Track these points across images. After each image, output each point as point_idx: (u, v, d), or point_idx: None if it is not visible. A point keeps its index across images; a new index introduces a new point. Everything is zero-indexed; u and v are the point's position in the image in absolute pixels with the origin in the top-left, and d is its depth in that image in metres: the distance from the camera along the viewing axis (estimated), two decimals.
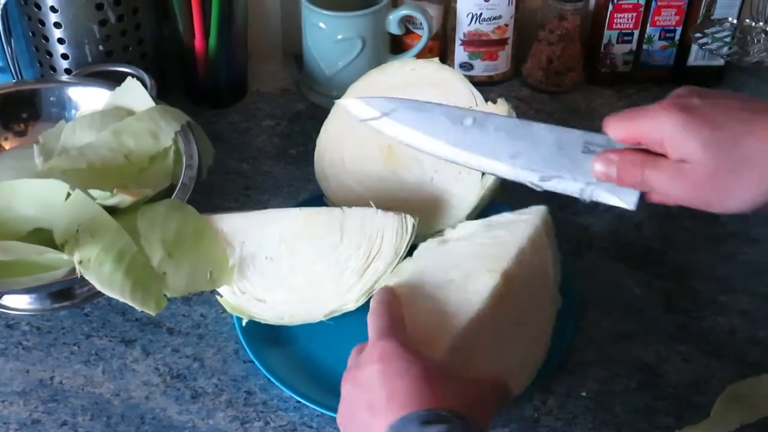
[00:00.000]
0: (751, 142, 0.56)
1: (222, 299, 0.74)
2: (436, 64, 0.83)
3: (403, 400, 0.56)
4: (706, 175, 0.57)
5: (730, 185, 0.57)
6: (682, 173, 0.58)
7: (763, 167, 0.56)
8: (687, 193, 0.58)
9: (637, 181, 0.60)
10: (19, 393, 0.74)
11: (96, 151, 0.81)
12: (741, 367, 0.76)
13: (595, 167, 0.62)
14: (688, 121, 0.57)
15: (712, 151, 0.56)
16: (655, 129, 0.58)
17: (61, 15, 0.90)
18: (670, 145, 0.58)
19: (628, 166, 0.60)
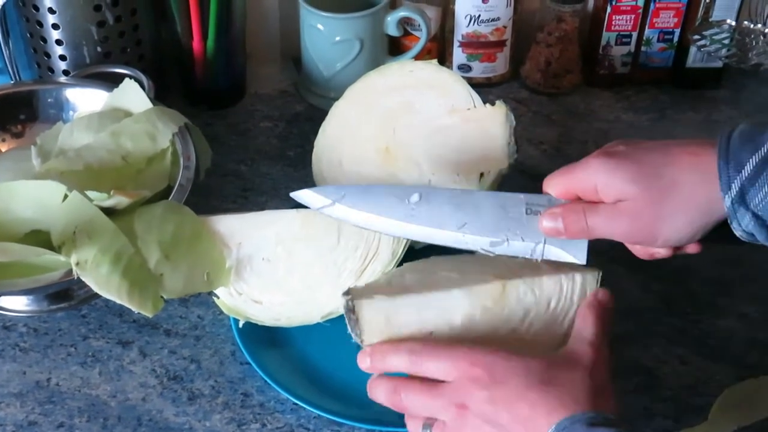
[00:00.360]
0: (673, 171, 0.60)
1: (219, 300, 0.74)
2: (434, 65, 0.83)
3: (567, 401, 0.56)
4: (639, 208, 0.61)
5: (663, 212, 0.60)
6: (618, 211, 0.62)
7: (688, 192, 0.60)
8: (628, 229, 0.62)
9: (582, 227, 0.63)
10: (16, 395, 0.73)
11: (93, 152, 0.80)
12: (739, 369, 0.76)
13: (542, 224, 0.65)
14: (613, 163, 0.62)
15: (640, 184, 0.61)
16: (587, 177, 0.63)
17: (59, 16, 0.90)
18: (602, 188, 0.62)
19: (571, 215, 0.64)
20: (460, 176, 0.80)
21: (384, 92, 0.83)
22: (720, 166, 0.58)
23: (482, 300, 0.65)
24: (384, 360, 0.63)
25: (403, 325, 0.64)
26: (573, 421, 0.55)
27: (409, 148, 0.82)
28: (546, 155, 0.99)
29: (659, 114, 1.05)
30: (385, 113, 0.83)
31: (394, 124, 0.83)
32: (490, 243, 0.66)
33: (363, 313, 0.64)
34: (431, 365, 0.61)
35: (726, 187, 0.58)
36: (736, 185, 0.58)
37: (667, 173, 0.60)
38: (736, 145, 0.58)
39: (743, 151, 0.58)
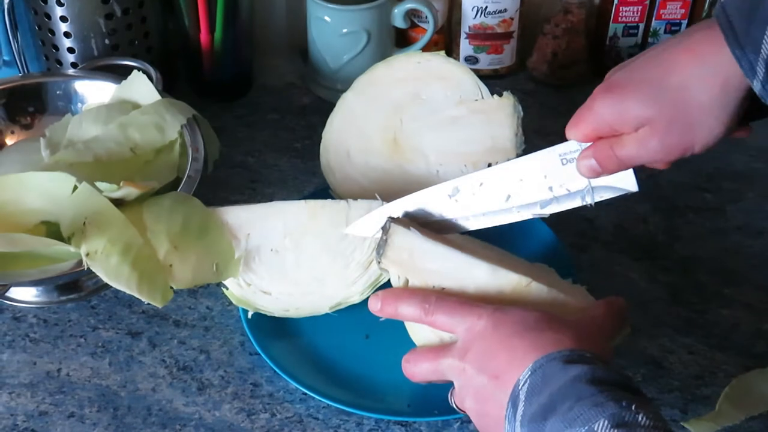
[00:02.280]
0: (679, 79, 0.59)
1: (227, 291, 0.75)
2: (441, 57, 0.83)
3: (550, 340, 0.57)
4: (664, 126, 0.60)
5: (688, 121, 0.59)
6: (644, 138, 0.61)
7: (702, 92, 0.58)
8: (664, 150, 0.61)
9: (617, 162, 0.63)
10: (27, 385, 0.74)
11: (102, 144, 0.81)
12: (746, 359, 0.76)
13: (580, 170, 0.66)
14: (616, 96, 0.61)
15: (651, 107, 0.59)
16: (598, 120, 0.62)
17: (67, 9, 0.90)
18: (617, 125, 0.62)
19: (602, 155, 0.64)
20: (467, 167, 0.80)
21: (391, 83, 0.83)
22: (737, 55, 0.55)
23: (503, 283, 0.65)
24: (396, 305, 0.64)
25: (422, 267, 0.66)
26: (549, 359, 0.55)
27: (417, 139, 0.82)
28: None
29: None
30: (392, 104, 0.83)
31: (402, 115, 0.83)
32: (540, 205, 0.68)
33: (393, 238, 0.66)
34: (441, 317, 0.62)
35: (751, 72, 0.55)
36: (761, 67, 0.55)
37: (672, 84, 0.59)
38: (741, 27, 0.55)
39: (752, 30, 0.55)
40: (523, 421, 0.52)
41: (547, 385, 0.53)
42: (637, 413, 0.49)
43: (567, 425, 0.49)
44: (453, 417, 0.71)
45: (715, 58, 0.57)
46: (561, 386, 0.52)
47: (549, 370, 0.54)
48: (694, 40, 0.59)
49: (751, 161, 0.97)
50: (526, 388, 0.54)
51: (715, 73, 0.57)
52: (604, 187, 0.66)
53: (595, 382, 0.52)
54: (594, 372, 0.52)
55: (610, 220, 0.89)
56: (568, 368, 0.53)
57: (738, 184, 0.94)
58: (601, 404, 0.50)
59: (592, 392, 0.51)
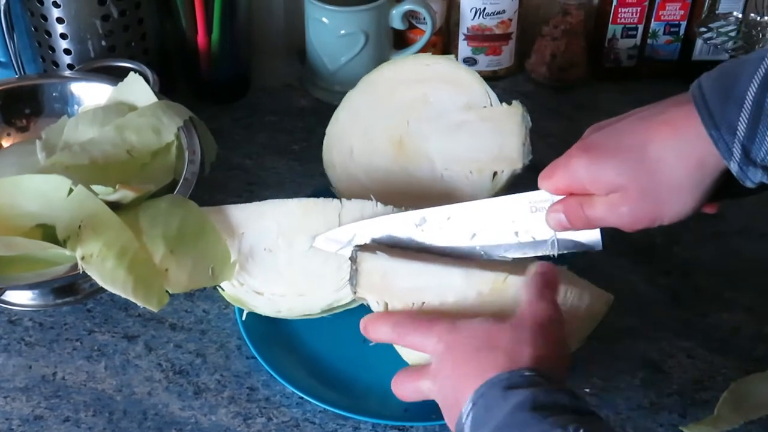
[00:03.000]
0: (655, 149, 0.58)
1: (223, 292, 0.74)
2: (451, 60, 0.82)
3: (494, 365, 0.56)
4: (636, 196, 0.60)
5: (659, 194, 0.59)
6: (615, 204, 0.61)
7: (677, 166, 0.58)
8: (632, 218, 0.61)
9: (585, 221, 0.63)
10: (22, 389, 0.73)
11: (98, 146, 0.80)
12: (746, 363, 0.76)
13: (548, 222, 0.66)
14: (593, 158, 0.61)
15: (626, 174, 0.60)
16: (572, 178, 0.63)
17: (64, 10, 0.90)
18: (591, 186, 0.62)
19: (571, 212, 0.64)
20: (473, 173, 0.79)
21: (399, 84, 0.83)
22: (713, 137, 0.55)
23: (480, 285, 0.66)
24: (374, 330, 0.65)
25: (397, 287, 0.66)
26: (489, 386, 0.54)
27: (423, 142, 0.82)
28: (552, 148, 0.98)
29: None
30: (399, 105, 0.83)
31: (408, 116, 0.82)
32: (504, 248, 0.68)
33: (363, 265, 0.67)
34: (411, 338, 0.62)
35: (728, 154, 0.55)
36: (737, 149, 0.55)
37: (649, 154, 0.58)
38: (717, 107, 0.55)
39: (727, 111, 0.55)
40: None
41: (490, 416, 0.53)
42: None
43: None
44: None
45: (693, 136, 0.57)
46: (504, 417, 0.52)
47: (490, 400, 0.54)
48: (674, 113, 0.58)
49: None
50: (470, 422, 0.54)
51: (691, 150, 0.57)
52: (569, 241, 0.67)
53: (537, 408, 0.52)
54: (535, 397, 0.52)
55: None
56: (509, 395, 0.53)
57: None
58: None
59: (537, 420, 0.51)
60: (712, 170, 0.57)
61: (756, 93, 0.54)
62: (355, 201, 0.73)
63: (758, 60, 0.54)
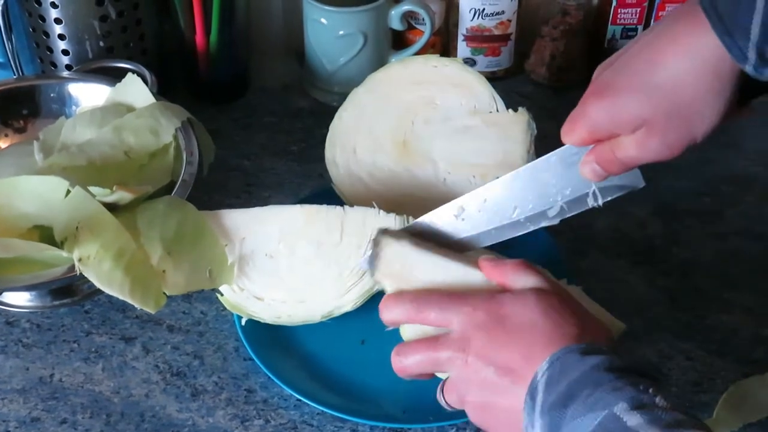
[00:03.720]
0: (670, 73, 0.57)
1: (222, 297, 0.74)
2: (459, 64, 0.82)
3: (563, 334, 0.57)
4: (662, 124, 0.58)
5: (686, 115, 0.58)
6: (644, 139, 0.60)
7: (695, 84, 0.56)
8: (666, 147, 0.59)
9: (619, 164, 0.62)
10: (19, 391, 0.73)
11: (96, 147, 0.80)
12: (745, 365, 0.75)
13: (585, 174, 0.65)
14: (608, 99, 0.60)
15: (646, 107, 0.58)
16: (594, 125, 0.61)
17: (62, 11, 0.90)
18: (615, 128, 0.60)
19: (604, 159, 0.63)
20: (475, 178, 0.79)
21: (406, 85, 0.83)
22: (726, 43, 0.54)
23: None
24: (389, 310, 0.64)
25: (416, 278, 0.65)
26: (566, 351, 0.55)
27: (427, 144, 0.81)
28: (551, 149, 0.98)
29: None
30: (405, 106, 0.82)
31: (414, 118, 0.82)
32: (549, 213, 0.67)
33: (385, 250, 0.66)
34: (432, 313, 0.62)
35: (742, 58, 0.54)
36: (752, 53, 0.54)
37: (663, 80, 0.57)
38: (728, 13, 0.54)
39: (739, 15, 0.53)
40: (543, 410, 0.53)
41: (565, 375, 0.54)
42: (655, 396, 0.51)
43: (588, 410, 0.51)
44: (448, 423, 0.70)
45: (703, 47, 0.56)
46: (580, 375, 0.53)
47: (566, 362, 0.54)
48: (678, 29, 0.57)
49: (750, 165, 0.96)
50: (545, 380, 0.54)
51: (704, 62, 0.56)
52: (610, 187, 0.66)
53: (613, 369, 0.53)
54: (611, 361, 0.54)
55: (608, 225, 0.88)
56: (586, 359, 0.54)
57: (736, 188, 0.93)
58: (619, 389, 0.51)
59: (610, 378, 0.52)
60: (728, 77, 0.56)
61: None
62: (357, 208, 0.73)
63: None
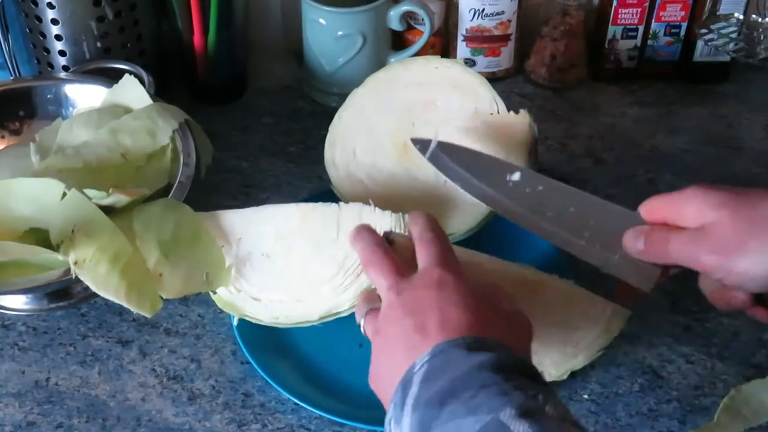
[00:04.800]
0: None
1: (214, 296, 0.73)
2: (460, 65, 0.82)
3: (453, 325, 0.56)
4: (723, 232, 0.59)
5: (748, 242, 0.59)
6: (701, 234, 0.60)
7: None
8: (706, 253, 0.60)
9: (663, 249, 0.62)
10: (15, 394, 0.73)
11: (92, 149, 0.80)
12: (746, 369, 0.75)
13: (626, 238, 0.64)
14: (710, 190, 0.61)
15: (728, 209, 0.59)
16: (682, 202, 0.62)
17: (59, 11, 0.89)
18: (693, 214, 0.61)
19: (656, 234, 0.63)
20: None
21: (407, 86, 0.82)
22: None
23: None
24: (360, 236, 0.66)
25: None
26: (451, 344, 0.54)
27: None
28: (551, 151, 0.98)
29: (666, 108, 1.04)
30: (405, 107, 0.82)
31: (414, 119, 0.82)
32: (568, 241, 0.67)
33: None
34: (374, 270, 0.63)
35: None
36: None
37: (761, 206, 0.59)
38: None
39: None
40: (417, 404, 0.51)
41: (446, 370, 0.52)
42: (545, 404, 0.49)
43: (469, 412, 0.48)
44: None
45: None
46: (464, 372, 0.51)
47: (450, 356, 0.53)
48: None
49: (751, 166, 0.96)
50: (423, 372, 0.53)
51: None
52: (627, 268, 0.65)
53: (500, 369, 0.51)
54: (498, 359, 0.52)
55: None
56: (472, 356, 0.52)
57: None
58: (506, 393, 0.49)
59: (497, 380, 0.50)
60: None
61: None
62: (353, 205, 0.73)
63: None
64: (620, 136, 0.99)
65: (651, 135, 0.99)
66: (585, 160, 0.96)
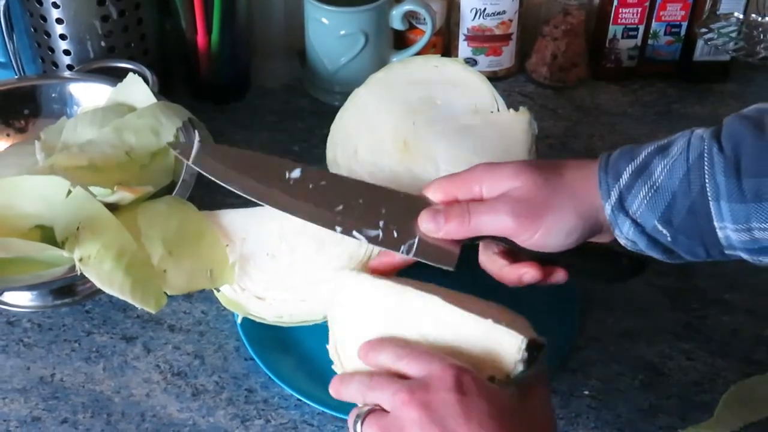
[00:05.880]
0: (559, 169, 0.62)
1: (219, 293, 0.74)
2: (460, 63, 0.82)
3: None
4: (524, 193, 0.61)
5: (549, 200, 0.61)
6: (502, 201, 0.62)
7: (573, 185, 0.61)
8: (510, 217, 0.61)
9: (464, 222, 0.62)
10: (20, 390, 0.73)
11: (97, 147, 0.80)
12: (746, 365, 0.75)
13: (422, 220, 0.64)
14: (499, 165, 0.63)
15: (524, 175, 0.61)
16: (472, 179, 0.64)
17: (63, 11, 0.90)
18: (487, 188, 0.63)
19: (454, 210, 0.63)
20: None
21: (407, 85, 0.83)
22: (600, 177, 0.60)
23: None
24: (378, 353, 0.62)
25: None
26: None
27: (428, 144, 0.81)
28: (552, 149, 0.98)
29: (666, 108, 1.04)
30: (406, 106, 0.82)
31: (415, 117, 0.82)
32: (363, 231, 0.66)
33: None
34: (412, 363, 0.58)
35: (606, 194, 0.60)
36: (615, 193, 0.59)
37: (552, 171, 0.62)
38: (615, 158, 0.61)
39: (620, 161, 0.60)
40: None
41: None
42: None
43: None
44: None
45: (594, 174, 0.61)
46: None
47: None
48: (589, 160, 0.62)
49: None
50: None
51: (590, 179, 0.61)
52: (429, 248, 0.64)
53: None
54: None
55: None
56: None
57: None
58: None
59: None
60: (599, 215, 0.61)
61: (648, 154, 0.59)
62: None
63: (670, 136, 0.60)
64: (621, 135, 1.00)
65: (651, 134, 1.00)
66: None
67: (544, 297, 0.73)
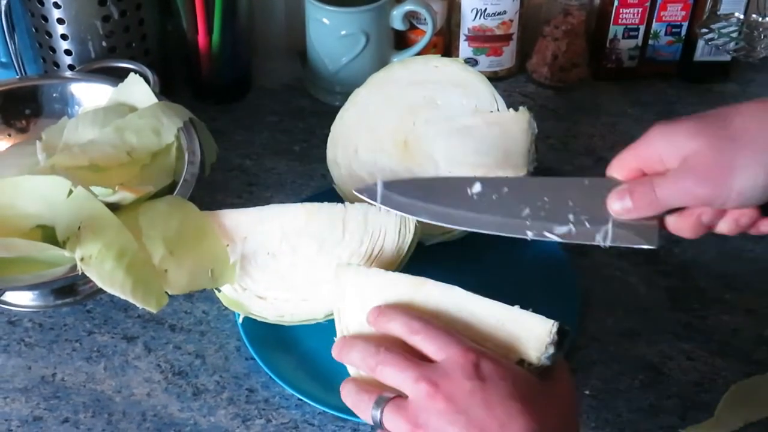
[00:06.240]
0: (741, 119, 0.57)
1: (220, 293, 0.74)
2: (460, 63, 0.82)
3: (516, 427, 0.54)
4: (707, 160, 0.57)
5: (735, 162, 0.57)
6: (685, 170, 0.59)
7: (760, 138, 0.56)
8: (698, 187, 0.58)
9: (651, 199, 0.60)
10: (21, 390, 0.74)
11: (98, 147, 0.80)
12: (746, 365, 0.75)
13: (610, 203, 0.62)
14: (672, 126, 0.60)
15: (703, 136, 0.58)
16: (649, 148, 0.61)
17: (64, 11, 0.90)
18: (666, 154, 0.60)
19: (639, 188, 0.61)
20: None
21: (407, 85, 0.83)
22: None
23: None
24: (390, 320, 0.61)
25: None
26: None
27: (428, 144, 0.81)
28: (553, 149, 0.98)
29: (666, 108, 1.04)
30: (406, 106, 0.83)
31: (415, 118, 0.82)
32: (554, 229, 0.64)
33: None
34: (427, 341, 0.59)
35: None
36: None
37: (733, 122, 0.57)
38: None
39: None
40: None
41: None
42: None
43: None
44: None
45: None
46: None
47: None
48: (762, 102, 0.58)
49: None
50: None
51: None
52: (624, 233, 0.63)
53: None
54: None
55: None
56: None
57: None
58: None
59: None
60: None
61: None
62: (358, 205, 0.73)
63: None
64: (621, 135, 1.00)
65: None
66: (586, 159, 0.97)
67: (545, 296, 0.73)
